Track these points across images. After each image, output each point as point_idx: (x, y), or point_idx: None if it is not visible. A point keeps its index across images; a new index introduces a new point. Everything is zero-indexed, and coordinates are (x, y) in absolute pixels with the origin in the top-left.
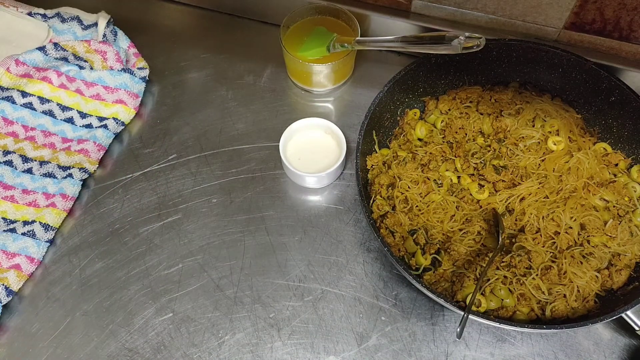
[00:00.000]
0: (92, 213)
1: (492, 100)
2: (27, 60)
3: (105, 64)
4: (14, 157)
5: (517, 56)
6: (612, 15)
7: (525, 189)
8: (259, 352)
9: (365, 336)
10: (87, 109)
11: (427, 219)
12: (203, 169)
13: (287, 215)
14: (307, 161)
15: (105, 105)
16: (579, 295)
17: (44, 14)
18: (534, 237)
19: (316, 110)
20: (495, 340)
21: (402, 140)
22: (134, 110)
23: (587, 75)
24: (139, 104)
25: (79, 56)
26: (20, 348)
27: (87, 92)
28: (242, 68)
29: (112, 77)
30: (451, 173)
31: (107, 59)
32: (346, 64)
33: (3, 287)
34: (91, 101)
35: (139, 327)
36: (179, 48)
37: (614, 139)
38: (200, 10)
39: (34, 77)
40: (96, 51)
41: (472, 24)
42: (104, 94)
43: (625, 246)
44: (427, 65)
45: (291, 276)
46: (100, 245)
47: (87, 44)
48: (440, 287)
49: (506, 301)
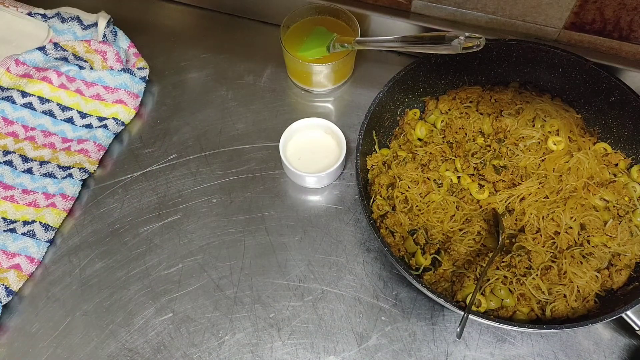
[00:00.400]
0: (92, 213)
1: (492, 100)
2: (27, 60)
3: (105, 64)
4: (14, 157)
5: (517, 56)
6: (612, 15)
7: (525, 189)
8: (259, 352)
9: (365, 336)
10: (87, 109)
11: (427, 219)
12: (203, 169)
13: (287, 215)
14: (307, 161)
15: (105, 105)
16: (579, 295)
17: (44, 14)
18: (534, 237)
19: (316, 110)
20: (495, 340)
21: (402, 140)
22: (134, 110)
23: (587, 75)
24: (139, 104)
25: (79, 56)
26: (20, 348)
27: (87, 92)
28: (242, 68)
29: (112, 77)
30: (451, 173)
31: (107, 59)
32: (346, 64)
33: (3, 287)
34: (91, 101)
35: (139, 327)
36: (179, 48)
37: (614, 139)
38: (200, 10)
39: (34, 77)
40: (96, 51)
41: (472, 24)
42: (104, 94)
43: (625, 246)
44: (427, 65)
45: (291, 276)
46: (100, 245)
47: (87, 44)
48: (440, 287)
49: (506, 301)
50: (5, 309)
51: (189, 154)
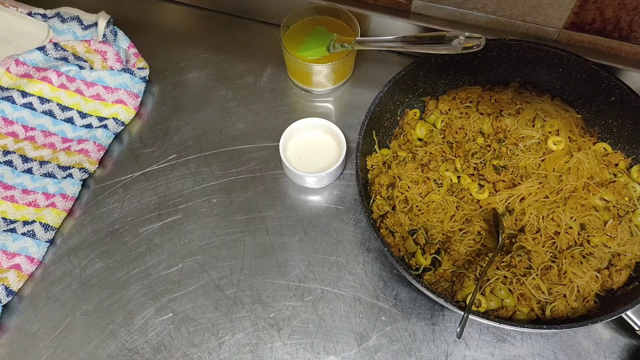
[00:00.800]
0: (92, 213)
1: (492, 100)
2: (27, 60)
3: (105, 64)
4: (14, 157)
5: (517, 56)
6: (612, 15)
7: (525, 189)
8: (259, 352)
9: (365, 336)
10: (87, 109)
11: (427, 219)
12: (203, 169)
13: (287, 215)
14: (307, 161)
15: (105, 105)
16: (579, 295)
17: (44, 14)
18: (534, 237)
19: (316, 110)
20: (495, 340)
21: (402, 140)
22: (134, 110)
23: (587, 75)
24: (139, 104)
25: (79, 56)
26: (20, 348)
27: (87, 92)
28: (242, 68)
29: (112, 77)
30: (451, 173)
31: (107, 59)
32: (346, 64)
33: (3, 287)
34: (91, 101)
35: (139, 327)
36: (179, 48)
37: (614, 139)
38: (200, 10)
39: (34, 77)
40: (96, 51)
41: (472, 24)
42: (104, 94)
43: (625, 246)
44: (427, 65)
45: (291, 276)
46: (100, 245)
47: (87, 44)
48: (440, 287)
49: (506, 301)
50: (5, 309)
51: (189, 154)
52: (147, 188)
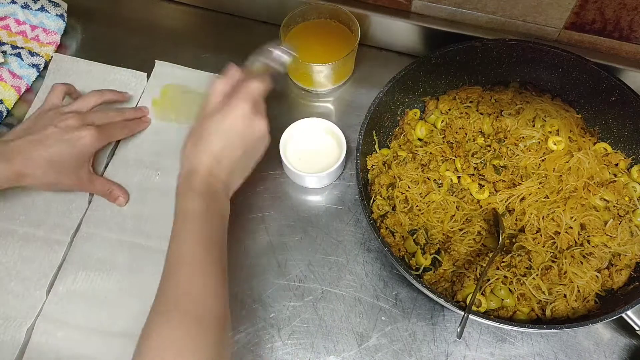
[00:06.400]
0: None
1: (492, 100)
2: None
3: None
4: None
5: (517, 56)
6: (613, 15)
7: (526, 189)
8: (259, 352)
9: (366, 336)
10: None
11: (427, 219)
12: None
13: (287, 215)
14: (307, 161)
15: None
16: (579, 295)
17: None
18: (534, 237)
19: (316, 110)
20: (495, 340)
21: (402, 140)
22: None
23: (587, 75)
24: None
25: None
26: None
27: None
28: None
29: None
30: (451, 173)
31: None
32: (346, 64)
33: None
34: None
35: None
36: (179, 48)
37: (614, 139)
38: (200, 10)
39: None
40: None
41: (472, 24)
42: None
43: (625, 246)
44: (427, 65)
45: (291, 276)
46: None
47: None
48: (441, 287)
49: (506, 301)
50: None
51: None
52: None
